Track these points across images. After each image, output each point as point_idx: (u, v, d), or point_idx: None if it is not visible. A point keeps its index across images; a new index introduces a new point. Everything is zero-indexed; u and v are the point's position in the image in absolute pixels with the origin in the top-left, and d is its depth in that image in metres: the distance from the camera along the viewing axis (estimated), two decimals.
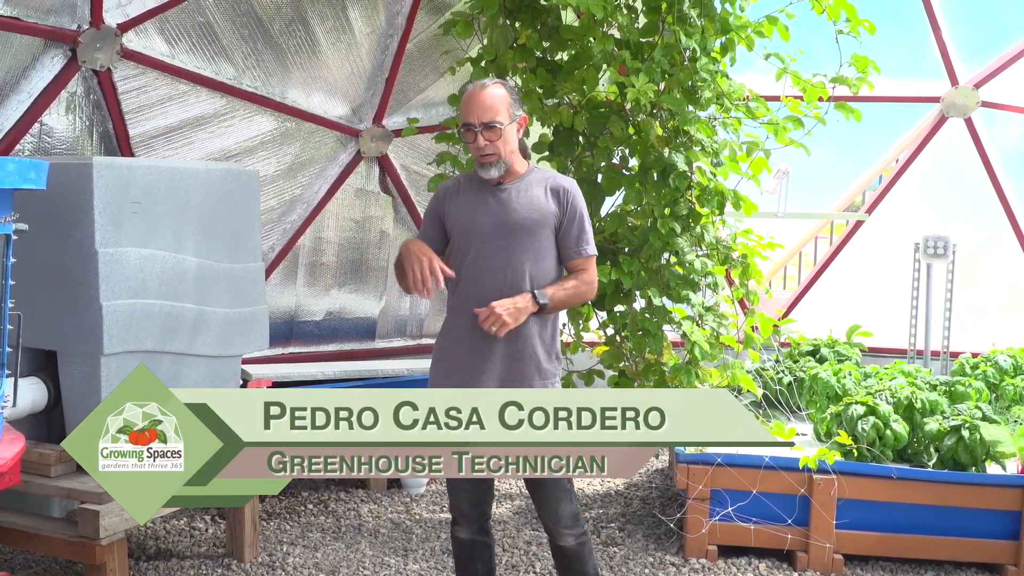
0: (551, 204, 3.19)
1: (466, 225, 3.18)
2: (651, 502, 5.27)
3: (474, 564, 3.38)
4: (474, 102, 3.10)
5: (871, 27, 4.50)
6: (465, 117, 3.12)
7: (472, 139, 3.11)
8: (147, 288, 3.79)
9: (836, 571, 4.34)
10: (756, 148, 4.58)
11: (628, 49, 4.39)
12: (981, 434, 4.38)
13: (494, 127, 3.07)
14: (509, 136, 3.13)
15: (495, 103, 3.09)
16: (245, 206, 4.29)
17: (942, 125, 6.26)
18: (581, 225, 3.23)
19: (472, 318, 3.11)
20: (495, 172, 3.13)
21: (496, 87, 3.14)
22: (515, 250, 3.14)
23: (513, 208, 3.15)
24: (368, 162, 5.62)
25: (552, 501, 3.24)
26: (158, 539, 4.62)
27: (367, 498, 5.29)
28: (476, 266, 3.15)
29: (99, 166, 3.60)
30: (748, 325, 4.92)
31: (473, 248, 3.16)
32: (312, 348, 5.84)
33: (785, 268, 8.90)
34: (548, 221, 3.18)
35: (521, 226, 3.14)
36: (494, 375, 3.13)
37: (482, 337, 3.11)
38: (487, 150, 3.10)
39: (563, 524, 3.26)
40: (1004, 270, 6.60)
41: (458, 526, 3.37)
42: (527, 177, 3.22)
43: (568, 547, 3.29)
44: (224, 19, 4.68)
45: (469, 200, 3.21)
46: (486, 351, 3.13)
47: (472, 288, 3.15)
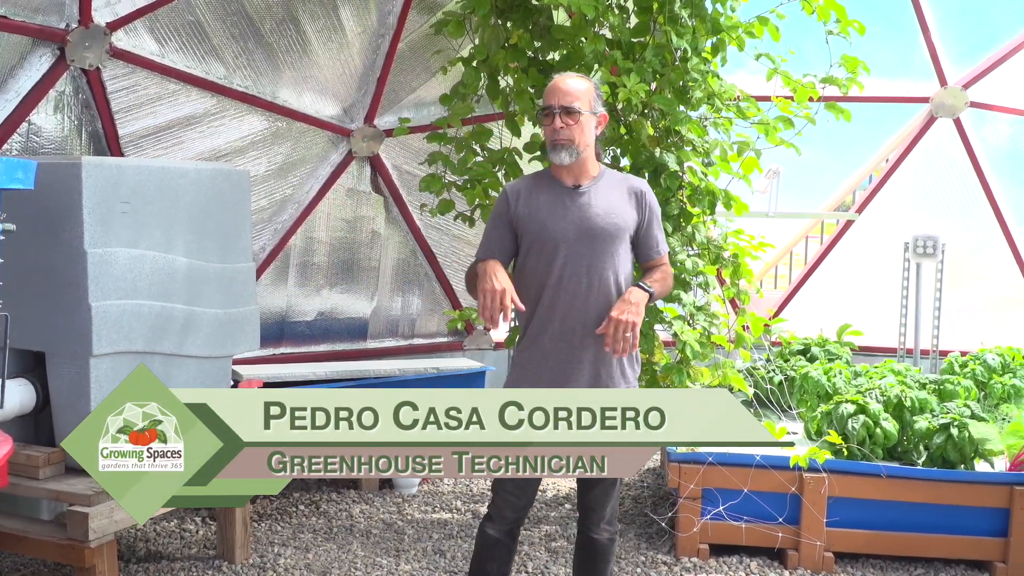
0: (631, 208, 3.19)
1: (545, 231, 3.13)
2: (643, 501, 5.27)
3: (491, 563, 3.36)
4: (557, 87, 3.12)
5: (861, 28, 4.51)
6: (546, 101, 3.12)
7: (549, 122, 3.09)
8: (137, 289, 3.77)
9: (827, 569, 4.35)
10: (747, 148, 4.59)
11: (619, 49, 4.39)
12: (970, 432, 4.40)
13: (572, 111, 3.07)
14: (586, 126, 3.11)
15: (577, 90, 3.10)
16: (236, 206, 4.28)
17: (931, 125, 6.29)
18: (658, 225, 3.27)
19: (559, 323, 3.10)
20: (566, 157, 3.10)
21: (581, 78, 3.16)
22: (599, 255, 3.11)
23: (595, 213, 3.12)
24: (359, 162, 5.61)
25: (606, 497, 3.28)
26: (148, 541, 4.61)
27: (359, 499, 5.28)
28: (559, 274, 3.11)
29: (88, 166, 3.58)
30: (739, 324, 4.93)
31: (555, 255, 3.11)
32: (303, 348, 5.83)
33: (776, 267, 8.90)
34: (629, 226, 3.18)
35: (606, 231, 3.11)
36: (583, 379, 3.13)
37: (568, 343, 3.11)
38: (562, 133, 3.07)
39: (605, 520, 3.32)
40: (992, 269, 6.63)
41: (491, 523, 3.34)
42: (602, 179, 3.20)
43: (601, 541, 3.34)
44: (214, 18, 4.67)
45: (546, 204, 3.15)
46: (574, 358, 3.12)
47: (556, 296, 3.12)
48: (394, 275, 6.05)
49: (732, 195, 4.66)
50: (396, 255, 6.01)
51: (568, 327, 3.11)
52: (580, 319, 3.10)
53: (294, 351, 5.78)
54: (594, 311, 3.09)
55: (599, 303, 3.10)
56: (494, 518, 3.33)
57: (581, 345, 3.11)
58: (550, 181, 3.20)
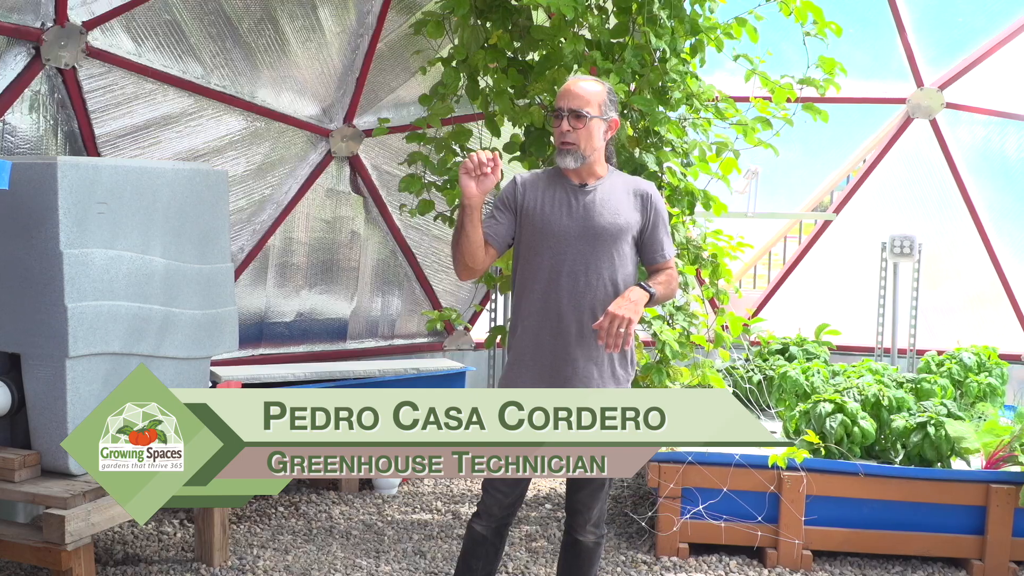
0: (635, 210, 3.19)
1: (547, 226, 3.14)
2: (623, 501, 5.28)
3: (477, 560, 3.35)
4: (568, 89, 3.13)
5: (838, 29, 4.54)
6: (557, 103, 3.13)
7: (558, 124, 3.11)
8: (114, 289, 3.75)
9: (805, 567, 4.38)
10: (725, 148, 4.61)
11: (599, 50, 4.40)
12: (946, 430, 4.43)
13: (581, 116, 3.07)
14: (595, 130, 3.11)
15: (588, 94, 3.11)
16: (214, 206, 4.26)
17: (908, 126, 6.33)
18: (664, 229, 3.26)
19: (556, 320, 3.11)
20: (571, 162, 3.11)
21: (594, 83, 3.17)
22: (600, 255, 3.12)
23: (599, 212, 3.13)
24: (339, 162, 5.59)
25: (594, 499, 3.28)
26: (125, 544, 4.58)
27: (338, 500, 5.27)
28: (558, 270, 3.12)
29: (64, 166, 3.55)
30: (718, 324, 4.95)
31: (555, 251, 3.12)
32: (283, 349, 5.81)
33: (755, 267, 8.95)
34: (632, 227, 3.18)
35: (607, 231, 3.12)
36: (577, 378, 3.14)
37: (564, 340, 3.12)
38: (568, 137, 3.09)
39: (592, 522, 3.32)
40: (968, 269, 6.68)
41: (479, 520, 3.33)
42: (608, 180, 3.21)
43: (587, 543, 3.33)
44: (192, 17, 4.64)
45: (551, 199, 3.16)
46: (570, 356, 3.13)
47: (556, 292, 3.12)
48: (374, 276, 6.04)
49: (711, 195, 4.68)
50: (376, 256, 6.00)
51: (566, 324, 3.12)
52: (576, 316, 3.11)
53: (273, 352, 5.76)
54: (590, 309, 3.11)
55: (597, 302, 3.11)
56: (482, 515, 3.33)
57: (577, 342, 3.12)
58: (559, 178, 3.20)
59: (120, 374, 3.81)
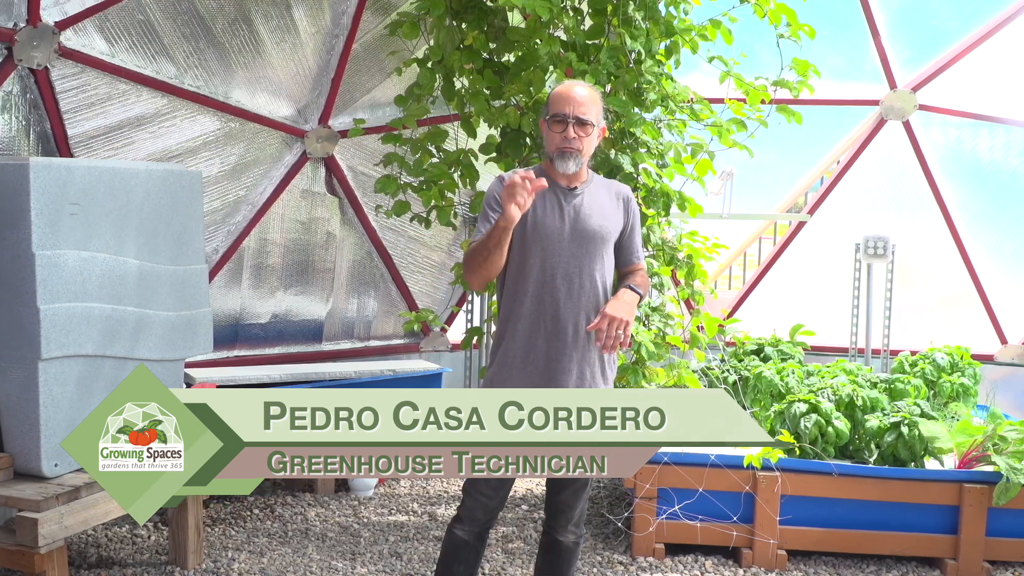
0: (619, 213, 3.25)
1: (539, 228, 3.15)
2: (599, 501, 5.29)
3: (458, 565, 3.34)
4: (571, 96, 3.13)
5: (811, 31, 4.57)
6: (559, 108, 3.12)
7: (561, 129, 3.12)
8: (87, 291, 3.72)
9: (780, 567, 4.40)
10: (700, 150, 4.63)
11: (574, 51, 4.41)
12: (920, 430, 4.47)
13: (586, 123, 3.11)
14: (595, 137, 3.17)
15: (591, 102, 3.14)
16: (188, 207, 4.23)
17: (881, 128, 6.38)
18: (639, 232, 3.35)
19: (550, 322, 3.12)
20: (573, 166, 3.14)
21: (594, 90, 3.21)
22: (590, 256, 3.16)
23: (588, 215, 3.17)
24: (314, 163, 5.58)
25: (576, 499, 3.31)
26: (99, 547, 4.54)
27: (314, 502, 5.25)
28: (552, 272, 3.13)
29: (36, 167, 3.52)
30: (694, 325, 4.97)
31: (548, 253, 3.14)
32: (258, 351, 5.78)
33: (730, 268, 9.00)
34: (616, 230, 3.25)
35: (598, 234, 3.16)
36: (571, 379, 3.16)
37: (558, 342, 3.14)
38: (573, 143, 3.11)
39: (574, 521, 3.34)
40: (941, 270, 6.74)
41: (460, 524, 3.32)
42: (592, 182, 3.25)
43: (567, 544, 3.35)
44: (165, 17, 4.62)
45: (541, 201, 3.16)
46: (565, 357, 3.15)
47: (546, 294, 3.14)
48: (349, 277, 6.02)
49: (686, 197, 4.70)
50: (351, 257, 5.98)
51: (561, 326, 3.14)
52: (572, 318, 3.13)
53: (248, 354, 5.73)
54: (584, 311, 3.14)
55: (589, 303, 3.14)
56: (464, 520, 3.31)
57: (572, 344, 3.15)
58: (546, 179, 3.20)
59: (94, 376, 3.79)
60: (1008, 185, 6.53)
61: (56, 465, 3.66)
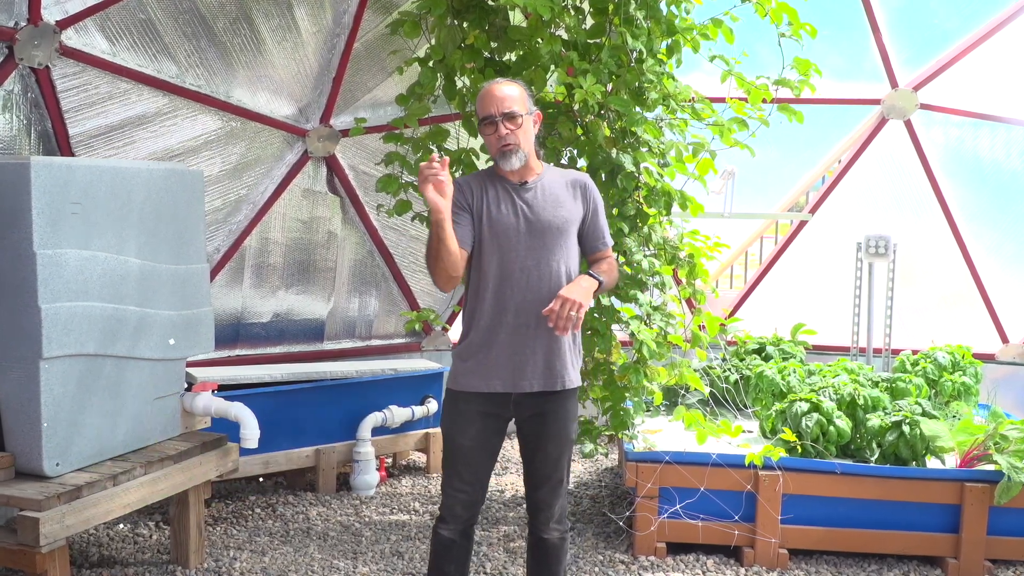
0: (577, 202, 3.26)
1: (495, 226, 3.17)
2: (601, 501, 5.29)
3: (449, 564, 3.36)
4: (491, 95, 3.15)
5: (812, 31, 4.57)
6: (484, 111, 3.15)
7: (492, 131, 3.14)
8: (88, 290, 3.72)
9: (781, 566, 4.40)
10: (702, 149, 4.63)
11: (576, 50, 4.40)
12: (921, 429, 4.46)
13: (514, 116, 3.12)
14: (527, 128, 3.17)
15: (512, 94, 3.16)
16: (189, 206, 4.23)
17: (883, 127, 6.38)
18: (603, 217, 3.34)
19: (512, 316, 3.15)
20: (516, 162, 3.15)
21: (511, 83, 3.22)
22: (548, 249, 3.17)
23: (541, 208, 3.18)
24: (315, 162, 5.58)
25: (554, 496, 3.30)
26: (101, 546, 4.54)
27: (316, 501, 5.25)
28: (510, 268, 3.15)
29: (37, 166, 3.52)
30: (695, 324, 4.97)
31: (506, 249, 3.16)
32: (259, 350, 5.78)
33: (731, 267, 9.00)
34: (575, 218, 3.24)
35: (552, 225, 3.17)
36: (537, 371, 3.17)
37: (522, 336, 3.16)
38: (508, 139, 3.12)
39: (555, 518, 3.33)
40: (942, 268, 6.74)
41: (444, 524, 3.33)
42: (546, 175, 3.26)
43: (552, 541, 3.34)
44: (166, 16, 4.62)
45: (496, 200, 3.20)
46: (529, 350, 3.16)
47: (510, 290, 3.16)
48: (351, 276, 6.02)
49: (688, 196, 4.70)
50: (353, 256, 5.98)
51: (522, 321, 3.15)
52: (534, 312, 3.13)
53: (249, 353, 5.73)
54: (546, 304, 3.12)
55: (551, 296, 3.13)
56: (447, 518, 3.33)
57: (535, 337, 3.16)
58: (497, 178, 3.24)
59: (95, 375, 3.78)
60: (1009, 184, 6.53)
61: (57, 464, 3.65)
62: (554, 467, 3.28)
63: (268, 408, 4.95)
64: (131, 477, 3.85)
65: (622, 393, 4.66)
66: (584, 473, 5.82)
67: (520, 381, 3.17)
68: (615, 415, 4.68)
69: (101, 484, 3.70)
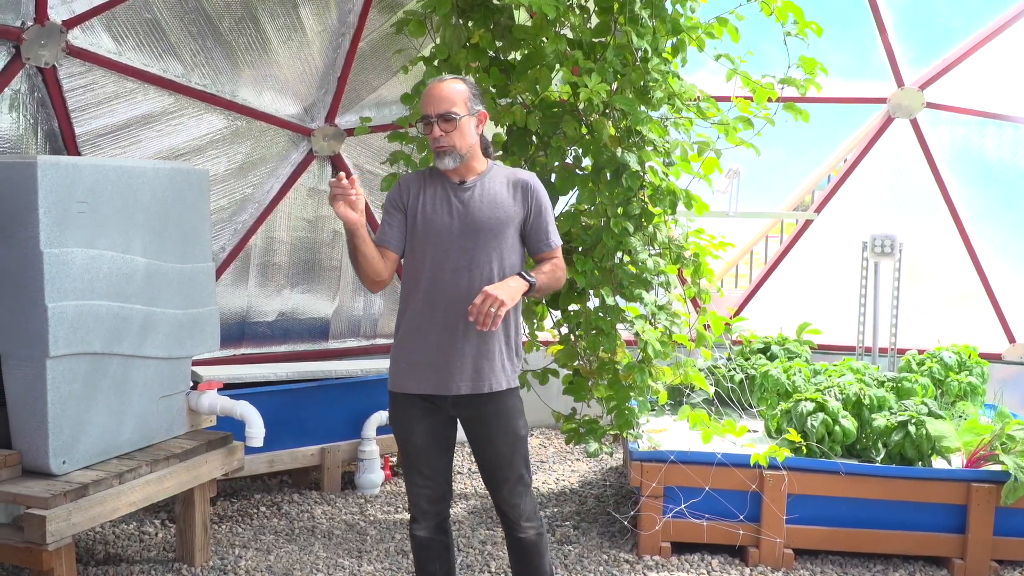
0: (515, 202, 3.21)
1: (430, 226, 3.18)
2: (605, 500, 5.29)
3: (432, 563, 3.40)
4: (431, 94, 3.15)
5: (818, 29, 4.56)
6: (423, 109, 3.16)
7: (429, 130, 3.14)
8: (94, 289, 3.73)
9: (786, 566, 4.39)
10: (707, 148, 4.62)
11: (581, 49, 4.40)
12: (927, 429, 4.45)
13: (450, 118, 3.10)
14: (466, 129, 3.15)
15: (452, 95, 3.13)
16: (195, 205, 4.24)
17: (889, 126, 6.36)
18: (546, 218, 3.27)
19: (441, 316, 3.14)
20: (450, 162, 3.15)
21: (454, 82, 3.19)
22: (481, 249, 3.15)
23: (477, 208, 3.16)
24: (320, 161, 5.58)
25: (515, 496, 3.28)
26: (107, 544, 4.55)
27: (320, 499, 5.25)
28: (442, 267, 3.15)
29: (44, 165, 3.53)
30: (700, 323, 4.96)
31: (438, 249, 3.15)
32: (264, 349, 5.79)
33: (736, 267, 8.98)
34: (512, 219, 3.20)
35: (486, 225, 3.15)
36: (465, 374, 3.16)
37: (450, 336, 3.14)
38: (442, 141, 3.12)
39: (525, 517, 3.31)
40: (949, 268, 6.73)
41: (416, 524, 3.37)
42: (488, 174, 3.24)
43: (528, 539, 3.33)
44: (172, 16, 4.62)
45: (432, 199, 3.20)
46: (457, 351, 3.15)
47: (438, 288, 3.16)
48: (355, 275, 6.02)
49: (693, 195, 4.69)
50: None
51: (452, 321, 3.15)
52: (463, 313, 3.11)
53: (255, 352, 5.74)
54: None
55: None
56: (417, 517, 3.36)
57: (464, 338, 3.15)
58: (439, 177, 3.25)
59: (101, 374, 3.79)
60: (1016, 183, 6.51)
61: (64, 462, 3.66)
62: (508, 465, 3.25)
63: (273, 407, 4.96)
64: (137, 475, 3.86)
65: (627, 392, 4.65)
66: (589, 472, 5.82)
67: (448, 383, 3.16)
68: (620, 414, 4.68)
69: (107, 482, 3.71)
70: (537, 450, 6.32)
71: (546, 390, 5.08)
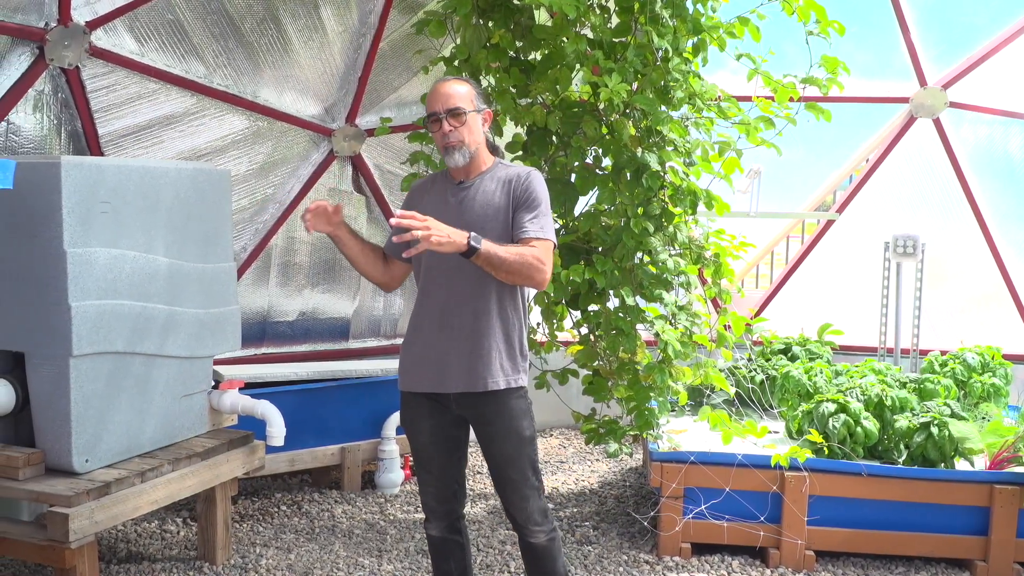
0: (503, 196, 3.18)
1: None
2: (625, 500, 5.28)
3: (447, 562, 3.42)
4: (438, 92, 3.18)
5: (840, 28, 4.54)
6: (430, 108, 3.18)
7: (437, 128, 3.16)
8: (117, 289, 3.75)
9: (807, 567, 4.37)
10: (728, 148, 4.60)
11: (601, 49, 4.39)
12: (950, 431, 4.42)
13: (458, 113, 3.13)
14: (473, 125, 3.17)
15: (458, 92, 3.17)
16: (216, 206, 4.26)
17: (911, 125, 6.32)
18: (531, 208, 3.14)
19: (437, 315, 3.18)
20: (460, 159, 3.15)
21: (459, 82, 3.22)
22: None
23: (468, 207, 3.18)
24: (341, 161, 5.60)
25: (521, 499, 3.26)
26: (129, 542, 4.58)
27: (341, 499, 5.27)
28: (439, 266, 3.17)
29: (67, 165, 3.56)
30: (721, 324, 4.95)
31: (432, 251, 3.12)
32: (285, 349, 5.81)
33: (757, 267, 8.95)
34: (500, 215, 3.17)
35: (476, 223, 3.14)
36: (460, 372, 3.16)
37: (448, 336, 3.16)
38: (451, 136, 3.13)
39: (533, 521, 3.29)
40: (972, 269, 6.67)
41: (429, 523, 3.41)
42: (488, 174, 3.23)
43: (539, 544, 3.31)
44: (194, 17, 4.65)
45: (432, 200, 3.24)
46: (453, 350, 3.16)
47: (434, 287, 3.20)
48: None
49: (713, 195, 4.68)
50: None
51: (447, 320, 3.17)
52: (458, 313, 3.14)
53: (276, 351, 5.76)
54: (472, 303, 3.14)
55: (477, 295, 3.14)
56: (428, 516, 3.39)
57: (459, 338, 3.16)
58: (443, 179, 3.29)
59: (123, 373, 3.82)
60: None
61: (87, 461, 3.69)
62: (512, 466, 3.23)
63: (294, 406, 4.98)
64: (159, 474, 3.89)
65: (647, 393, 4.65)
66: (609, 473, 5.81)
67: (445, 381, 3.18)
68: (640, 415, 4.67)
69: (129, 481, 3.74)
70: (557, 450, 6.32)
71: (566, 390, 5.08)
